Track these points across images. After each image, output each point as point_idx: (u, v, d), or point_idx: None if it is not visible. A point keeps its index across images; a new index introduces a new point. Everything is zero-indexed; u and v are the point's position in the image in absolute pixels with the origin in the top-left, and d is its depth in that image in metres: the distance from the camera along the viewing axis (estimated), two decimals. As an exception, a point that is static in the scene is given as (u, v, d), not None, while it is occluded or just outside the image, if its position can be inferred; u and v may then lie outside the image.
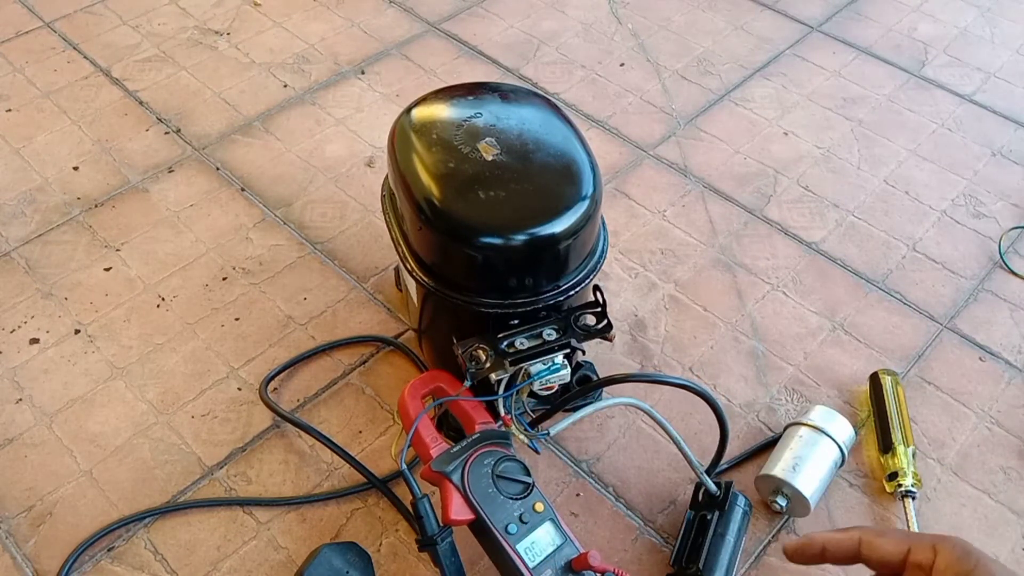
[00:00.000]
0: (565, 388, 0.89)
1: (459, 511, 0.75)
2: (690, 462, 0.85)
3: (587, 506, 0.90)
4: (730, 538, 0.82)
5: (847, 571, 0.86)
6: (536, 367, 0.81)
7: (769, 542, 0.88)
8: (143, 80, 1.38)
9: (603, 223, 0.88)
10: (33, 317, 1.06)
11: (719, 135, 1.31)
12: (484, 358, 0.79)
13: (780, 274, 1.12)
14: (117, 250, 1.13)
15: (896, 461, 0.90)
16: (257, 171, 1.24)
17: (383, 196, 0.93)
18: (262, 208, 1.19)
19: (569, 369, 0.83)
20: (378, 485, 0.90)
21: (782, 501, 0.87)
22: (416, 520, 0.77)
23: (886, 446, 0.92)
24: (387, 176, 0.91)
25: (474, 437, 0.80)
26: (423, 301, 0.89)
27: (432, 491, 0.80)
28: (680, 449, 0.84)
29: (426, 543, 0.76)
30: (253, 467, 0.93)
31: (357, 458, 0.92)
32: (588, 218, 0.80)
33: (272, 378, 0.99)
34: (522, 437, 0.82)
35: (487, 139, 0.83)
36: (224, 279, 1.10)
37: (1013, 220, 1.19)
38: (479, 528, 0.76)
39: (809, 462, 0.87)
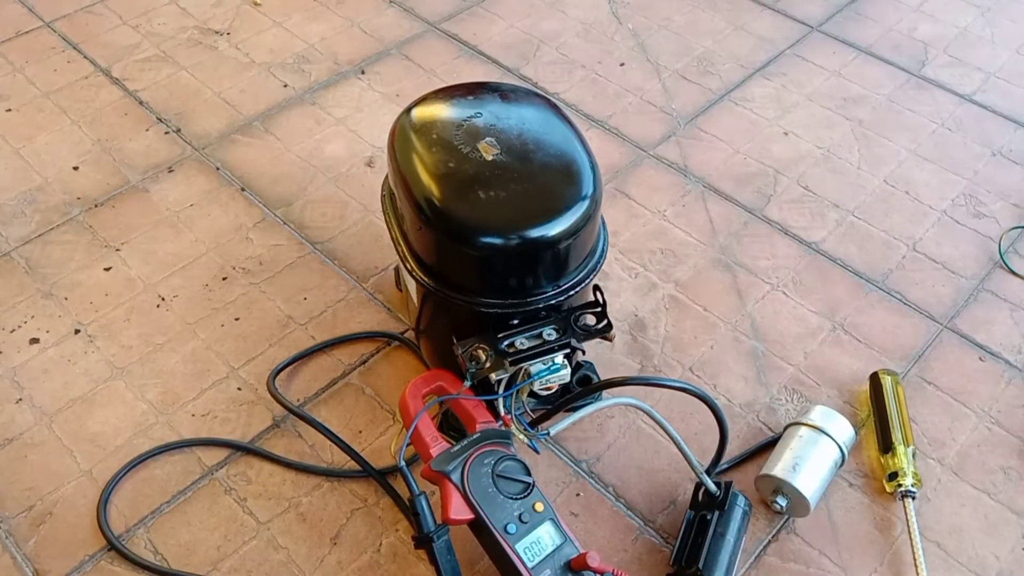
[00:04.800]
0: (565, 388, 0.89)
1: (459, 510, 0.75)
2: (690, 462, 0.85)
3: (587, 506, 0.90)
4: (730, 538, 0.82)
5: (854, 559, 0.86)
6: (536, 367, 0.81)
7: (769, 542, 0.88)
8: (143, 80, 1.38)
9: (603, 223, 0.88)
10: (33, 317, 1.06)
11: (719, 135, 1.31)
12: (484, 358, 0.79)
13: (780, 274, 1.12)
14: (117, 250, 1.13)
15: (896, 461, 0.90)
16: (257, 171, 1.24)
17: (383, 196, 0.93)
18: (262, 208, 1.19)
19: (569, 369, 0.83)
20: (376, 477, 0.90)
21: (782, 501, 0.87)
22: (412, 516, 0.77)
23: (886, 446, 0.92)
24: (387, 176, 0.91)
25: (474, 436, 0.80)
26: (423, 301, 0.89)
27: (432, 490, 0.80)
28: (680, 449, 0.84)
29: (422, 540, 0.76)
30: (253, 467, 0.93)
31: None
32: (588, 218, 0.80)
33: (280, 371, 0.99)
34: (522, 437, 0.82)
35: (487, 139, 0.83)
36: (224, 279, 1.10)
37: (1013, 220, 1.19)
38: (479, 527, 0.76)
39: (809, 462, 0.87)
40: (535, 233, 0.78)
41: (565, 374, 0.82)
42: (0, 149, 1.27)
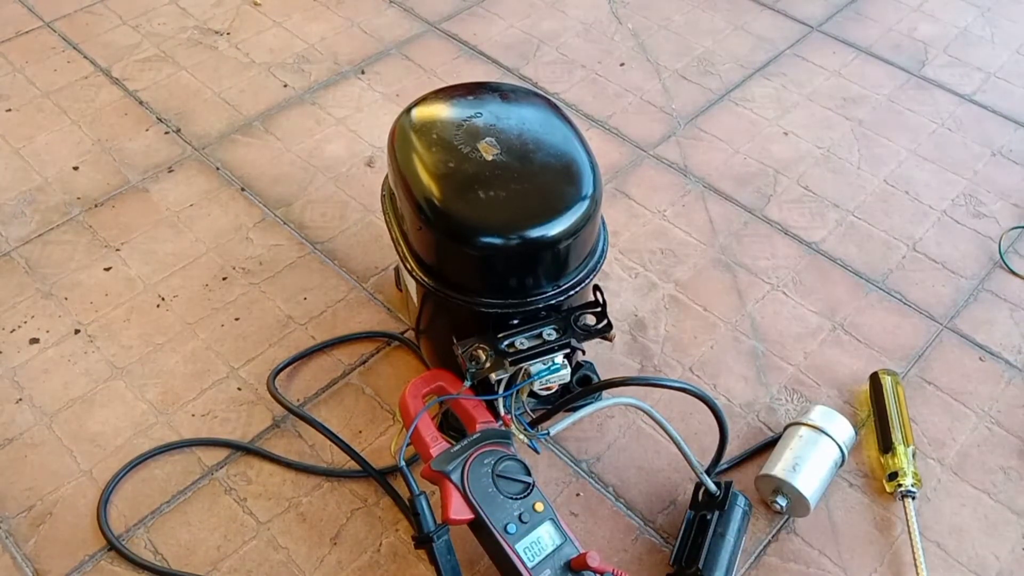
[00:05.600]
0: (565, 388, 0.89)
1: (458, 510, 0.75)
2: (690, 462, 0.85)
3: (587, 506, 0.90)
4: (730, 538, 0.82)
5: (854, 559, 0.86)
6: (536, 367, 0.81)
7: (769, 542, 0.88)
8: (143, 80, 1.38)
9: (603, 223, 0.88)
10: (33, 317, 1.06)
11: (719, 135, 1.31)
12: (484, 358, 0.79)
13: (780, 274, 1.12)
14: (117, 250, 1.13)
15: (896, 461, 0.90)
16: (257, 171, 1.24)
17: (383, 196, 0.93)
18: (262, 208, 1.19)
19: (569, 369, 0.83)
20: (376, 477, 0.90)
21: (782, 501, 0.87)
22: (412, 516, 0.77)
23: (886, 446, 0.92)
24: (387, 176, 0.91)
25: (474, 436, 0.80)
26: (423, 301, 0.89)
27: (432, 490, 0.80)
28: (680, 449, 0.84)
29: (422, 540, 0.76)
30: (253, 467, 0.93)
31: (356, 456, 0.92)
32: (588, 218, 0.80)
33: (280, 371, 0.99)
34: (522, 437, 0.82)
35: (487, 139, 0.83)
36: (224, 279, 1.10)
37: (1013, 220, 1.19)
38: (479, 527, 0.76)
39: (809, 462, 0.87)
40: (535, 233, 0.78)
41: (565, 374, 0.82)
42: (0, 149, 1.27)
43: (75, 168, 1.24)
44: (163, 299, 1.08)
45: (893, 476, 0.90)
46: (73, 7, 1.51)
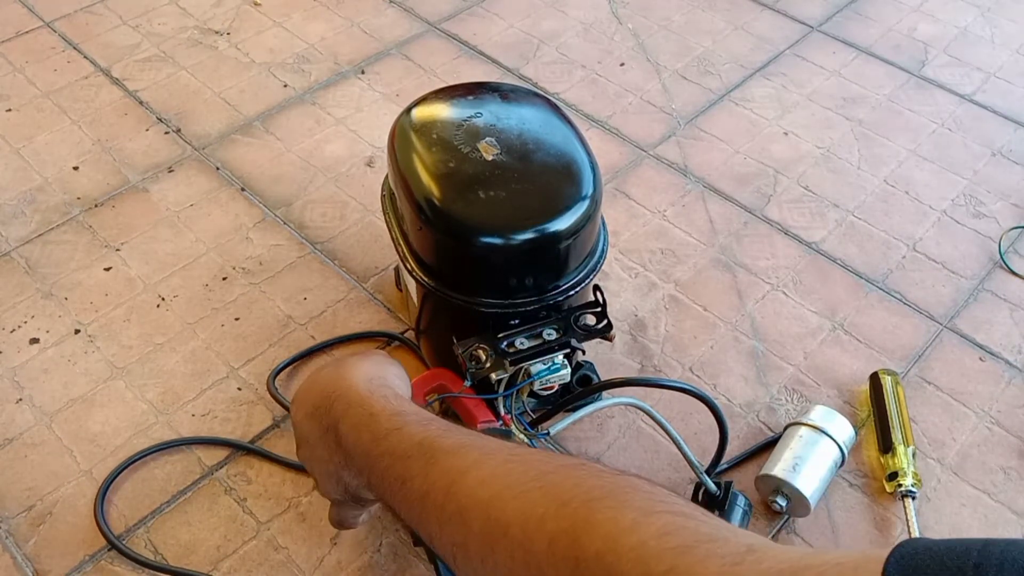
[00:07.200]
0: (565, 388, 0.89)
1: (459, 511, 0.75)
2: (690, 462, 0.84)
3: (587, 506, 0.90)
4: (730, 538, 0.82)
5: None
6: (536, 367, 0.81)
7: (769, 542, 0.88)
8: (143, 80, 1.38)
9: (603, 223, 0.88)
10: (33, 317, 1.06)
11: (719, 135, 1.31)
12: (484, 358, 0.79)
13: (780, 274, 1.12)
14: (117, 250, 1.13)
15: (896, 461, 0.90)
16: (257, 171, 1.24)
17: (383, 196, 0.93)
18: (262, 208, 1.19)
19: (569, 369, 0.83)
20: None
21: (782, 501, 0.87)
22: None
23: (886, 446, 0.92)
24: (387, 176, 0.91)
25: (474, 437, 0.80)
26: (423, 301, 0.89)
27: (432, 491, 0.80)
28: (680, 449, 0.84)
29: (421, 539, 0.76)
30: (253, 467, 0.93)
31: (357, 458, 0.92)
32: (588, 218, 0.80)
33: (280, 371, 0.99)
34: (522, 436, 0.82)
35: (487, 139, 0.83)
36: (224, 279, 1.10)
37: (1013, 220, 1.19)
38: (479, 528, 0.76)
39: (809, 462, 0.87)
40: (535, 233, 0.78)
41: (565, 374, 0.82)
42: (0, 149, 1.27)
43: (75, 168, 1.24)
44: (163, 299, 1.08)
45: (893, 476, 0.90)
46: (73, 7, 1.51)
